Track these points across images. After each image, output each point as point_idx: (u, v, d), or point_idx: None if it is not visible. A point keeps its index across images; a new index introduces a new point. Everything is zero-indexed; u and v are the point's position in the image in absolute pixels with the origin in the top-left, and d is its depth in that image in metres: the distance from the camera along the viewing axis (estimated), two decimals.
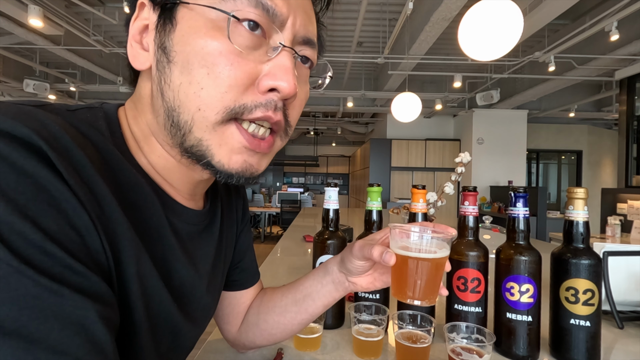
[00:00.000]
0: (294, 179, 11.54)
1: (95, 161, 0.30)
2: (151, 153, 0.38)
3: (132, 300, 0.32)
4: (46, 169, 0.25)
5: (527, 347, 0.61)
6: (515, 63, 4.25)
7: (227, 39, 0.32)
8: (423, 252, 0.43)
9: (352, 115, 8.05)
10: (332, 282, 0.52)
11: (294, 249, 1.58)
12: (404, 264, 0.43)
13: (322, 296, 0.52)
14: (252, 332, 0.58)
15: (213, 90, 0.32)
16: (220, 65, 0.32)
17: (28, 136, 0.25)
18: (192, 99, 0.33)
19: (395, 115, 3.21)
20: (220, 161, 0.35)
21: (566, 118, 6.65)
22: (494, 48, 1.59)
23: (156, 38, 0.35)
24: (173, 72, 0.33)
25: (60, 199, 0.25)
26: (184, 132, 0.34)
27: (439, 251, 0.43)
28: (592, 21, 3.17)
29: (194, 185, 0.42)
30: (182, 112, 0.33)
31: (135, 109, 0.39)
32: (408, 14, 3.01)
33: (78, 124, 0.32)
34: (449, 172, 4.38)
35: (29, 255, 0.22)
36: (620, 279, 0.80)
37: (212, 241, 0.47)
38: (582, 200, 0.61)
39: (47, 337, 0.22)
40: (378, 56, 4.02)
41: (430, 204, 1.44)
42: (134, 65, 0.36)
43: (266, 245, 6.20)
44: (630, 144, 4.36)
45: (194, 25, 0.33)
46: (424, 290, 0.43)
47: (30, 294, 0.22)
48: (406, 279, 0.43)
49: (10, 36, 3.90)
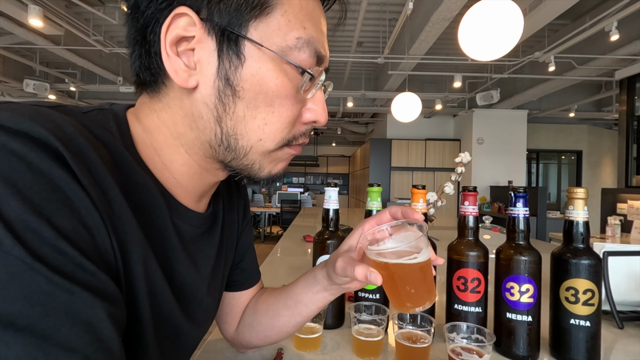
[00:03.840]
0: (294, 179, 11.55)
1: (107, 162, 0.30)
2: (173, 161, 0.39)
3: (139, 299, 0.33)
4: (61, 169, 0.25)
5: (527, 347, 0.61)
6: (515, 63, 4.25)
7: (294, 86, 0.36)
8: (405, 257, 0.40)
9: (352, 115, 8.04)
10: (324, 290, 0.52)
11: (294, 249, 1.58)
12: (390, 279, 0.41)
13: (314, 300, 0.53)
14: (248, 332, 0.58)
15: (275, 126, 0.37)
16: (284, 107, 0.37)
17: (45, 137, 0.25)
18: (255, 131, 0.36)
19: (395, 115, 3.21)
20: (269, 172, 0.40)
21: (566, 118, 6.65)
22: (494, 48, 1.59)
23: (220, 68, 0.34)
24: (237, 105, 0.35)
25: (74, 199, 0.26)
26: (239, 155, 0.38)
27: (422, 256, 0.41)
28: (592, 21, 3.17)
29: (207, 189, 0.43)
30: (241, 139, 0.37)
31: (158, 118, 0.38)
32: (408, 14, 3.01)
33: (90, 125, 0.32)
34: (449, 172, 4.38)
35: (43, 253, 0.23)
36: (620, 279, 0.80)
37: (213, 243, 0.48)
38: (582, 200, 0.61)
39: (57, 334, 0.22)
40: (378, 56, 4.02)
41: (430, 204, 1.44)
42: (177, 80, 0.34)
43: (266, 245, 6.20)
44: (630, 144, 4.36)
45: (264, 67, 0.35)
46: (421, 294, 0.41)
47: (43, 291, 0.22)
48: (399, 290, 0.42)
49: (10, 36, 3.90)
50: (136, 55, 0.37)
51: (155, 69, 0.36)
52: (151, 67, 0.36)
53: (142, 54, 0.36)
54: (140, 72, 0.37)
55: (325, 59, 0.39)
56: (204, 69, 0.35)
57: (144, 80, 0.38)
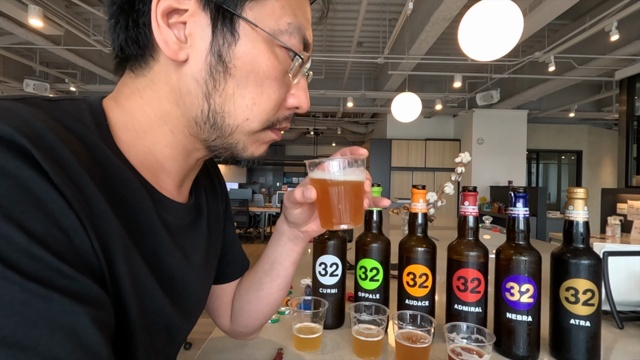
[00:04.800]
0: (294, 179, 11.54)
1: (82, 157, 0.29)
2: (157, 143, 0.38)
3: (126, 299, 0.32)
4: (30, 169, 0.24)
5: (527, 347, 0.61)
6: (515, 63, 4.25)
7: (283, 69, 0.37)
8: (339, 176, 0.44)
9: (352, 115, 8.04)
10: (289, 240, 0.54)
11: None
12: (324, 193, 0.45)
13: (286, 256, 0.54)
14: (242, 317, 0.59)
15: (263, 107, 0.38)
16: (272, 88, 0.37)
17: (10, 134, 0.24)
18: (243, 110, 0.37)
19: (395, 115, 3.21)
20: (251, 153, 0.41)
21: (566, 118, 6.65)
22: (494, 48, 1.59)
23: (214, 44, 0.35)
24: (228, 82, 0.36)
25: (46, 200, 0.24)
26: (224, 133, 0.38)
27: (354, 174, 0.45)
28: (592, 21, 3.17)
29: (188, 172, 0.43)
30: (228, 117, 0.37)
31: (141, 97, 0.37)
32: (408, 14, 3.01)
33: (62, 117, 0.30)
34: (449, 172, 4.37)
35: (15, 260, 0.21)
36: (620, 279, 0.80)
37: (201, 234, 0.47)
38: (582, 200, 0.61)
39: (36, 343, 0.21)
40: (378, 56, 4.02)
41: (430, 204, 1.44)
42: (167, 52, 0.34)
43: (266, 245, 6.20)
44: (630, 144, 4.36)
45: (257, 47, 0.36)
46: (347, 213, 0.44)
47: (18, 300, 0.21)
48: (329, 206, 0.45)
49: (10, 36, 3.90)
50: (121, 26, 0.36)
51: (144, 40, 0.35)
52: (139, 39, 0.35)
53: (130, 25, 0.35)
54: (126, 45, 0.36)
55: (311, 47, 0.41)
56: (196, 43, 0.35)
57: (128, 55, 0.37)
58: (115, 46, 0.37)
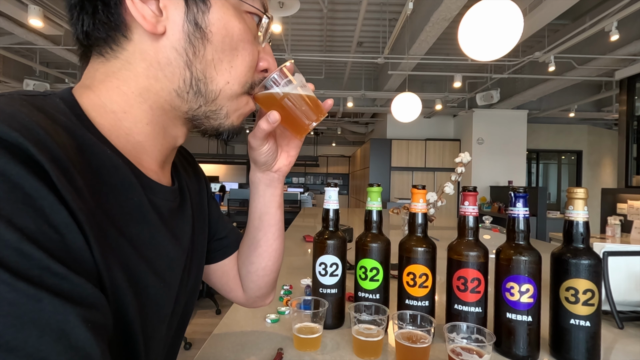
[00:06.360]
0: (294, 179, 11.54)
1: (71, 149, 0.28)
2: (137, 122, 0.38)
3: (121, 293, 0.31)
4: (19, 165, 0.23)
5: (527, 347, 0.61)
6: (515, 63, 4.25)
7: (252, 32, 0.41)
8: (284, 86, 0.45)
9: (352, 115, 8.04)
10: (267, 186, 0.55)
11: (294, 249, 1.58)
12: (282, 108, 0.46)
13: (269, 203, 0.56)
14: (251, 281, 0.60)
15: (240, 69, 0.41)
16: (246, 50, 0.41)
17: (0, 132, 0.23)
18: (223, 73, 0.39)
19: (395, 115, 3.21)
20: (231, 123, 0.43)
21: (566, 118, 6.65)
22: (494, 48, 1.59)
23: (189, 13, 0.37)
24: (207, 49, 0.38)
25: (36, 196, 0.23)
26: (208, 100, 0.40)
27: (292, 77, 0.46)
28: (592, 21, 3.17)
29: (169, 152, 0.43)
30: (210, 83, 0.39)
31: (117, 79, 0.37)
32: (408, 14, 3.01)
33: (45, 110, 0.30)
34: (449, 172, 4.37)
35: (4, 258, 0.21)
36: (620, 279, 0.80)
37: (187, 216, 0.48)
38: (582, 200, 0.61)
39: (24, 345, 0.20)
40: (378, 56, 4.01)
41: (430, 204, 1.44)
42: (146, 26, 0.35)
43: None
44: (630, 144, 4.36)
45: (227, 12, 0.39)
46: (311, 110, 0.47)
47: (6, 300, 0.20)
48: (293, 114, 0.47)
49: (10, 36, 3.90)
50: (87, 12, 0.35)
51: (116, 20, 0.35)
52: (110, 20, 0.35)
53: (98, 8, 0.35)
54: (94, 30, 0.36)
55: (268, 11, 0.44)
56: (171, 14, 0.36)
57: (95, 40, 0.37)
58: (79, 34, 0.37)
